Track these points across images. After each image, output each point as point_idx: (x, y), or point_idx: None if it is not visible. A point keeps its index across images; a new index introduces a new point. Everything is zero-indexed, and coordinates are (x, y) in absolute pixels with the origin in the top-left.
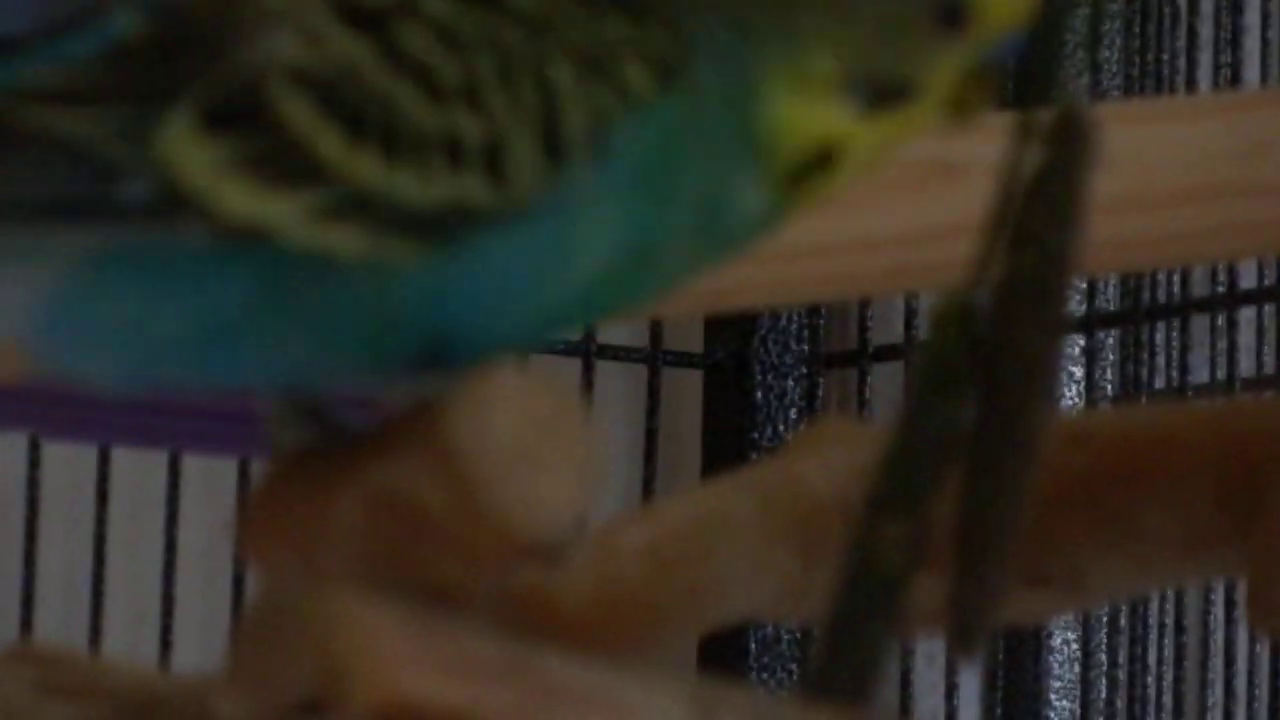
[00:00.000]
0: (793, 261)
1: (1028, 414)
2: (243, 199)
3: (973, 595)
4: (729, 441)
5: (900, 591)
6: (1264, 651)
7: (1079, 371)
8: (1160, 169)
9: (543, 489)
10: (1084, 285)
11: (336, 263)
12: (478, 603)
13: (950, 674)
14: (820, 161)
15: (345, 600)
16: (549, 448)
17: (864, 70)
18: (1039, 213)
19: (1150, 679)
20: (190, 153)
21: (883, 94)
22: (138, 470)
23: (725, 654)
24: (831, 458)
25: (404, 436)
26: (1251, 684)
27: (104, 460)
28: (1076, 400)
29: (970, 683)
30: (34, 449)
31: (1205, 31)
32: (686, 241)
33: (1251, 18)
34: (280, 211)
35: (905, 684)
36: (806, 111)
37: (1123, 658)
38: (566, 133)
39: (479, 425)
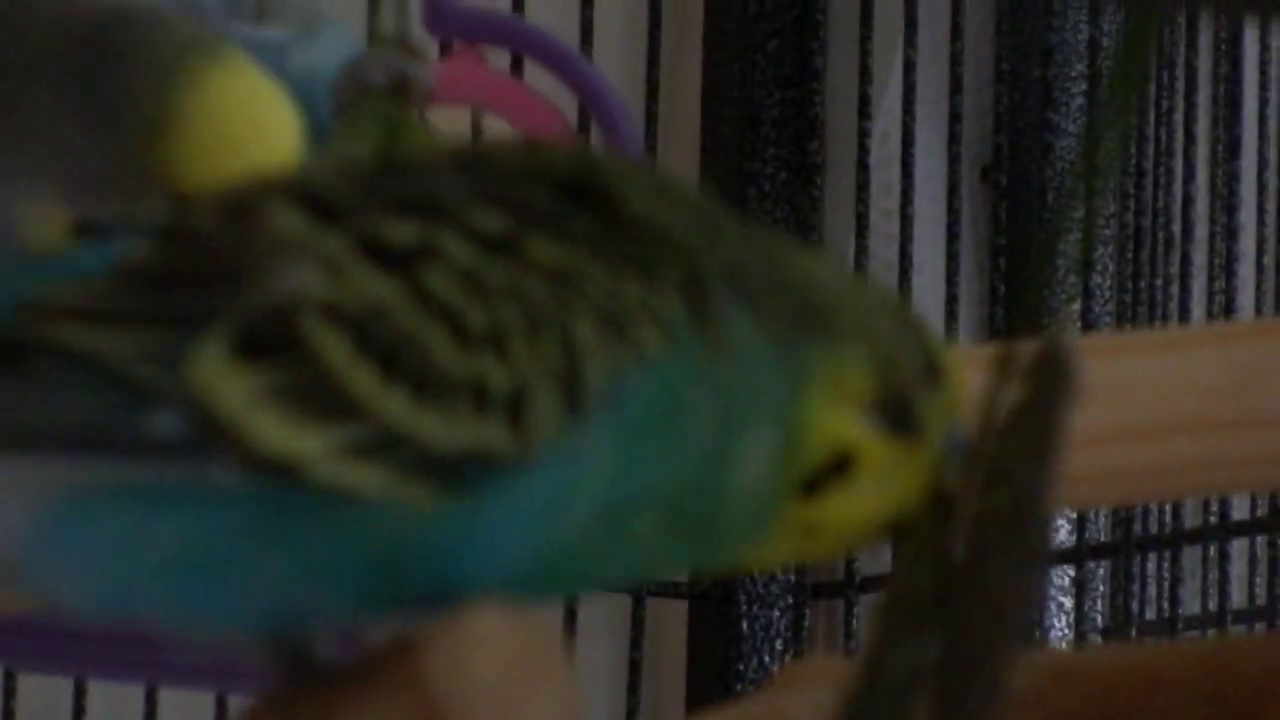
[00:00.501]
0: None
1: (994, 656)
2: (277, 431)
3: None
4: (714, 672)
5: None
6: None
7: (1069, 602)
8: (1152, 401)
9: None
10: (1074, 515)
11: (353, 503)
12: None
13: None
14: (834, 469)
15: None
16: (529, 687)
17: (888, 392)
18: (1015, 449)
19: None
20: (226, 381)
21: (896, 424)
22: (114, 704)
23: None
24: (817, 695)
25: (382, 676)
26: None
27: (80, 693)
28: (1066, 631)
29: None
30: (9, 680)
31: (1199, 258)
32: (683, 503)
33: (1246, 244)
34: (312, 447)
35: None
36: (835, 414)
37: None
38: (586, 386)
39: (458, 665)
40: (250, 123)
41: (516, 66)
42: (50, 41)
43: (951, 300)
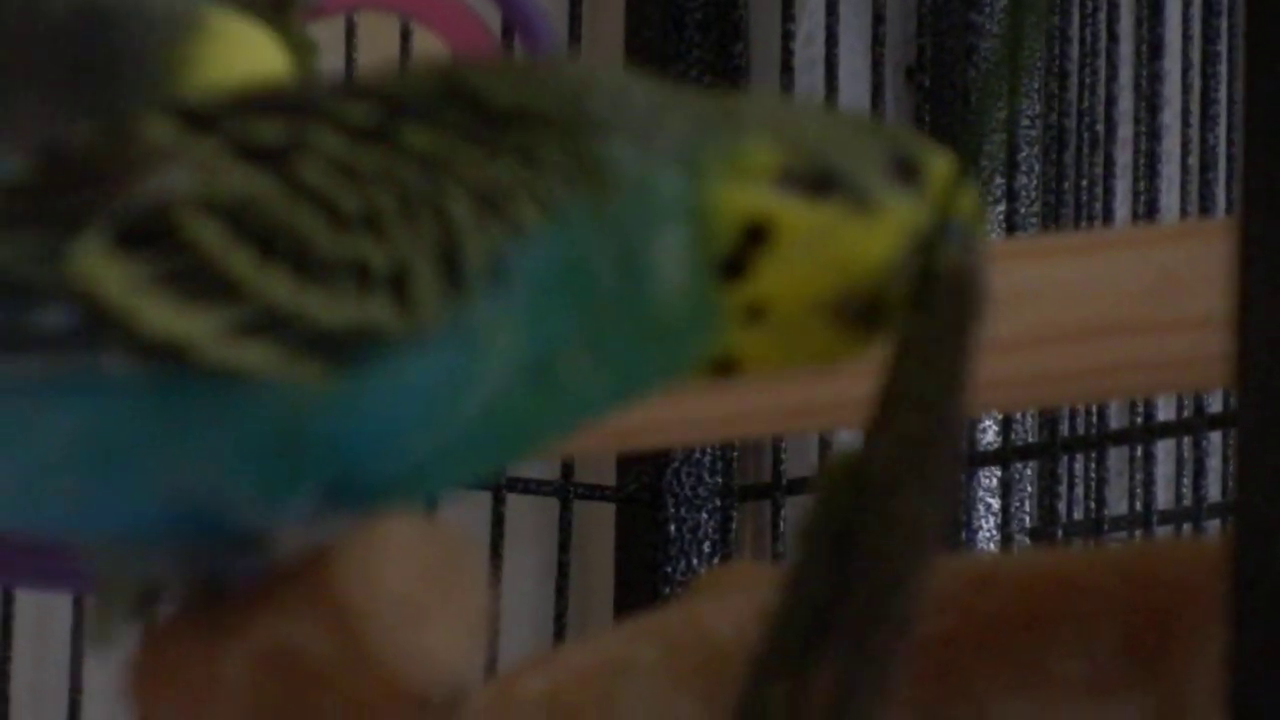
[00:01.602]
0: (702, 399)
1: (906, 583)
2: (161, 315)
3: None
4: (642, 575)
5: None
6: None
7: (996, 504)
8: (1075, 304)
9: (434, 641)
10: (1000, 417)
11: (245, 384)
12: None
13: None
14: (751, 240)
15: None
16: (441, 598)
17: (803, 164)
18: (925, 374)
19: None
20: (107, 271)
21: (822, 187)
22: (41, 610)
23: None
24: (736, 602)
25: (292, 588)
26: None
27: (7, 600)
28: (993, 533)
29: None
30: None
31: (1123, 158)
32: (609, 349)
33: (1170, 144)
34: (197, 328)
35: None
36: (739, 191)
37: None
38: (466, 262)
39: (368, 575)
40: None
41: None
42: (33, 31)
43: None
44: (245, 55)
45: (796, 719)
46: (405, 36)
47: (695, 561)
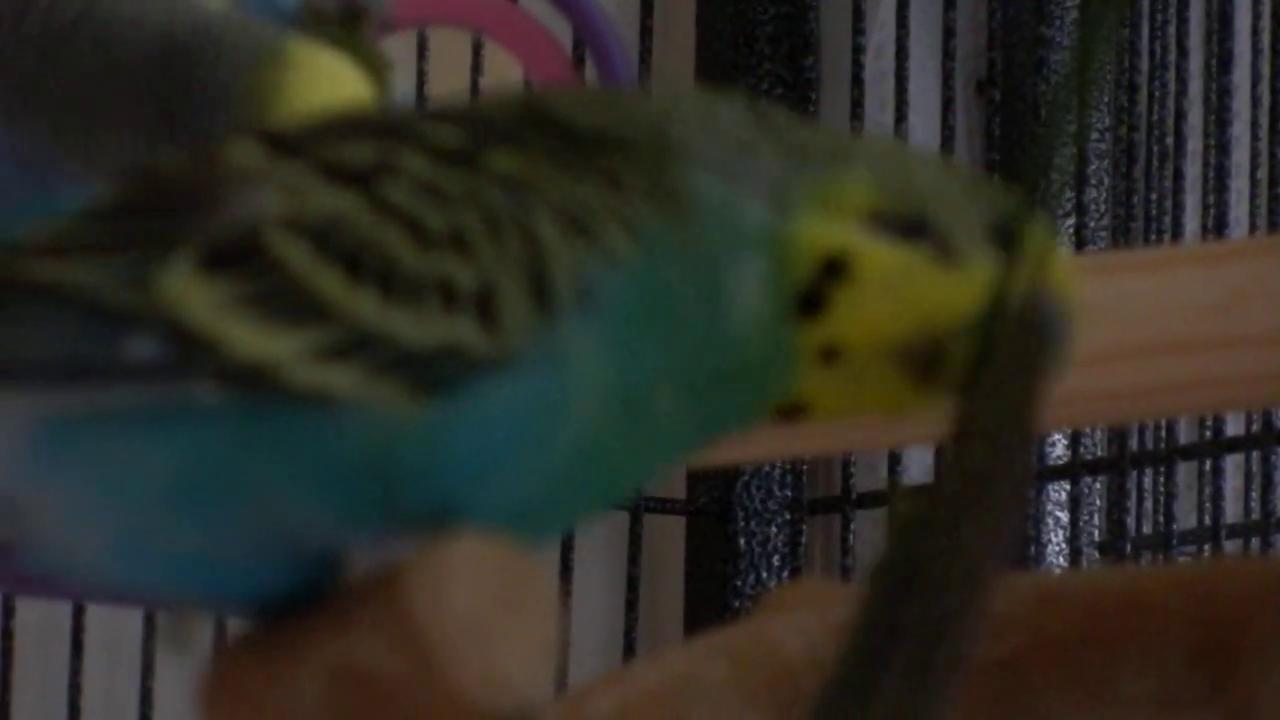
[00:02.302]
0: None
1: (962, 620)
2: (249, 337)
3: None
4: (712, 589)
5: None
6: None
7: (1065, 518)
8: (1143, 320)
9: (503, 660)
10: (1070, 432)
11: (336, 410)
12: None
13: None
14: (832, 274)
15: None
16: (511, 617)
17: (898, 207)
18: (997, 411)
19: None
20: (194, 293)
21: (908, 231)
22: (112, 623)
23: None
24: (804, 618)
25: (363, 606)
26: None
27: (79, 613)
28: (1062, 546)
29: None
30: (7, 602)
31: (1193, 172)
32: (690, 383)
33: (1239, 157)
34: (285, 349)
35: None
36: (823, 226)
37: None
38: (553, 283)
39: (437, 595)
40: (328, 82)
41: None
42: (122, 65)
43: None
44: (325, 83)
45: None
46: (477, 52)
47: (765, 575)
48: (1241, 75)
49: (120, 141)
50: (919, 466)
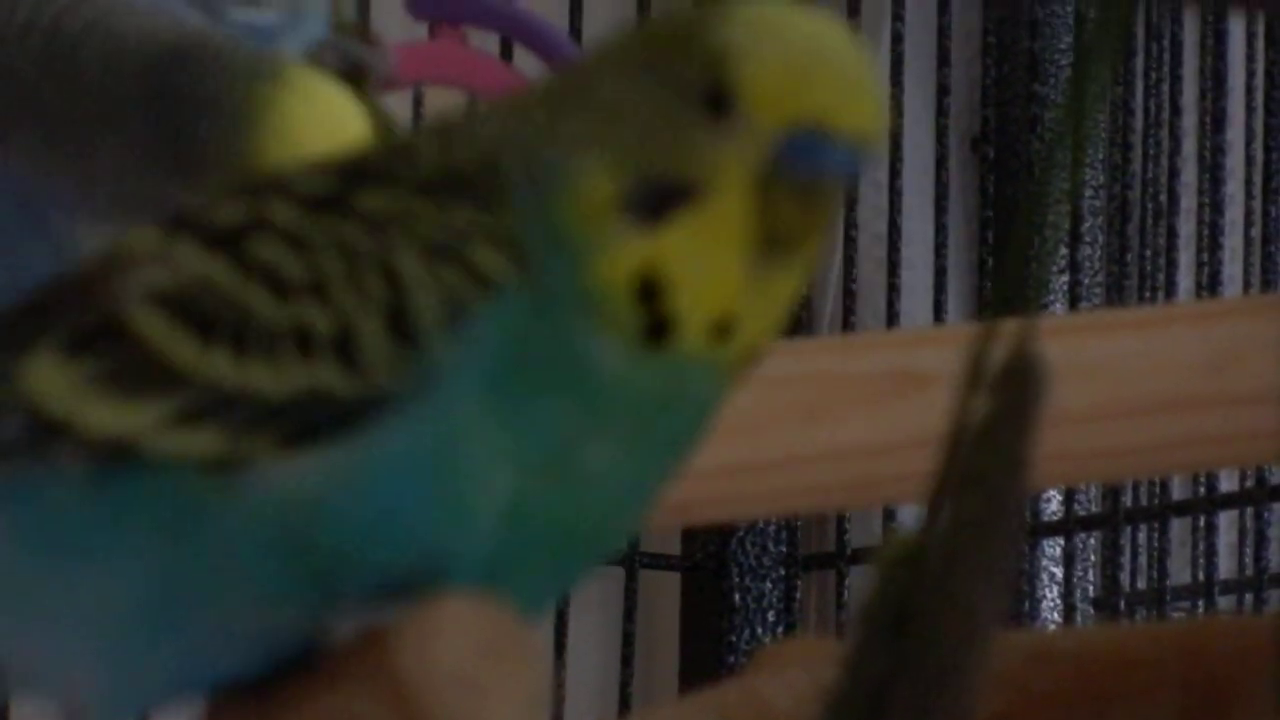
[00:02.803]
0: (763, 474)
1: (961, 665)
2: (102, 413)
3: None
4: (707, 644)
5: None
6: None
7: (1059, 573)
8: (1137, 378)
9: (491, 715)
10: (1064, 489)
11: (211, 477)
12: None
13: None
14: (647, 292)
15: None
16: (499, 673)
17: (637, 178)
18: (987, 456)
19: None
20: (52, 379)
21: (664, 199)
22: None
23: None
24: (794, 677)
25: (351, 664)
26: None
27: None
28: (1056, 602)
29: None
30: None
31: (1186, 230)
32: (600, 423)
33: (1233, 215)
34: (140, 421)
35: None
36: (608, 257)
37: None
38: (417, 315)
39: (425, 654)
40: (330, 134)
41: (506, 52)
42: (120, 79)
43: (940, 272)
44: (318, 104)
45: None
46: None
47: (760, 630)
48: (1235, 133)
49: (115, 157)
50: (913, 522)
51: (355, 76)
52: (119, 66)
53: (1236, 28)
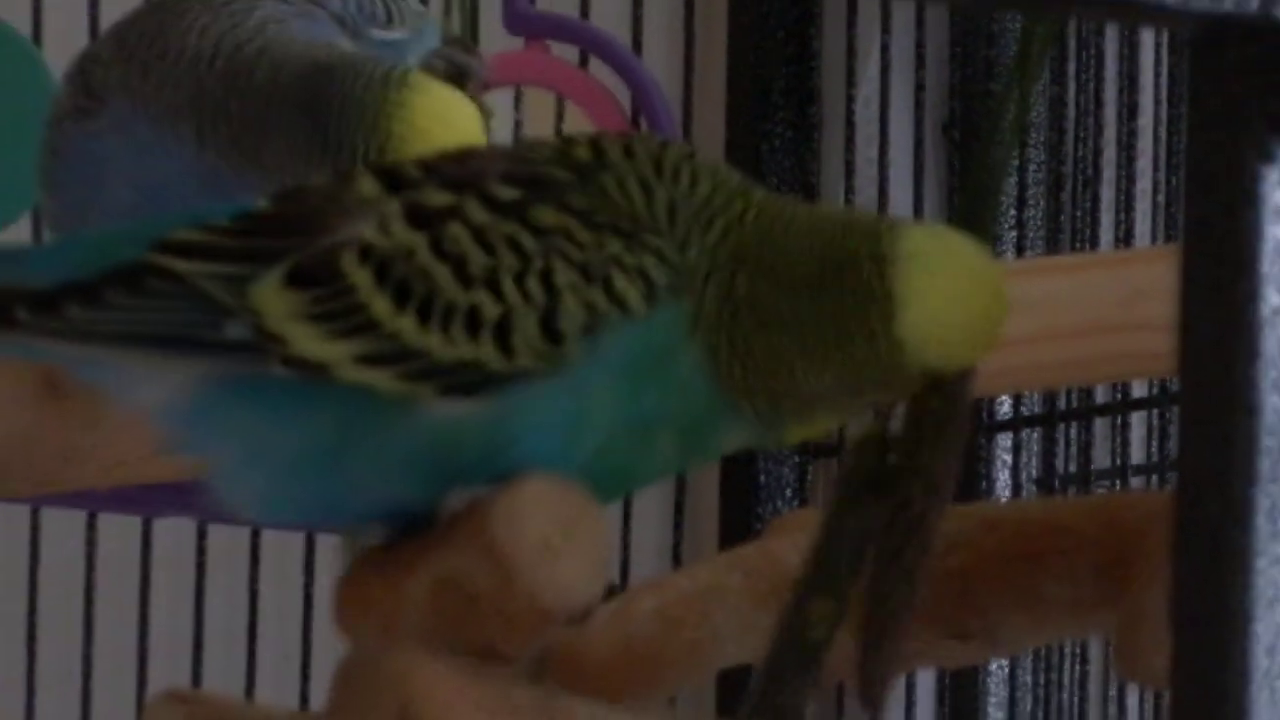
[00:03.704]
0: None
1: (926, 521)
2: (308, 340)
3: (875, 664)
4: (740, 516)
5: (822, 654)
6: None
7: (1009, 460)
8: (1067, 310)
9: (564, 572)
10: (1013, 396)
11: (390, 413)
12: (518, 659)
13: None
14: None
15: (414, 658)
16: (569, 541)
17: None
18: (949, 384)
19: (1064, 695)
20: (274, 301)
21: None
22: (281, 540)
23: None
24: (800, 539)
25: (458, 533)
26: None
27: (255, 534)
28: (1007, 483)
29: (926, 692)
30: (201, 525)
31: (1107, 196)
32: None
33: (1143, 185)
34: (336, 353)
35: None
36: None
37: (1042, 679)
38: (564, 319)
39: (512, 523)
40: (448, 126)
41: (584, 61)
42: (284, 91)
43: None
44: (437, 103)
45: (833, 630)
46: (560, 106)
47: (780, 505)
48: (1145, 120)
49: (283, 151)
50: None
51: (458, 79)
52: (283, 82)
53: (1148, 38)
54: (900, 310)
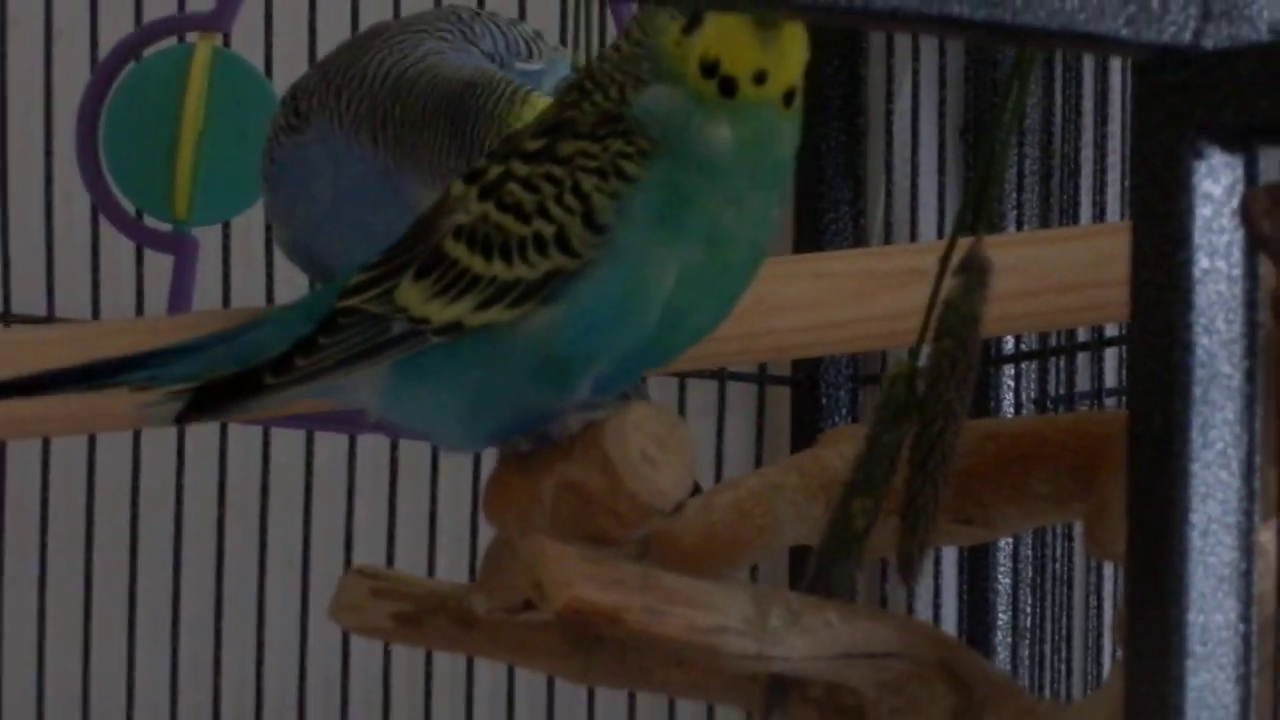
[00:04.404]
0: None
1: (945, 436)
2: (440, 310)
3: (910, 545)
4: (807, 431)
5: (865, 539)
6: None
7: (1012, 385)
8: (1055, 271)
9: (661, 479)
10: (1015, 337)
11: (511, 337)
12: (624, 544)
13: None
14: (708, 69)
15: (544, 542)
16: (665, 453)
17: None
18: (955, 316)
19: (1055, 565)
20: (411, 293)
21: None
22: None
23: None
24: (845, 448)
25: (578, 448)
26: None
27: (394, 445)
28: (1010, 405)
29: (949, 564)
30: (394, 446)
31: (1085, 183)
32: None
33: (1113, 175)
34: (460, 311)
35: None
36: (684, 57)
37: (1039, 553)
38: (599, 215)
39: (621, 440)
40: None
41: None
42: (435, 101)
43: (941, 210)
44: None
45: (872, 520)
46: None
47: (837, 421)
48: (1115, 126)
49: (432, 149)
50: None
51: None
52: (435, 95)
53: (1115, 62)
54: None
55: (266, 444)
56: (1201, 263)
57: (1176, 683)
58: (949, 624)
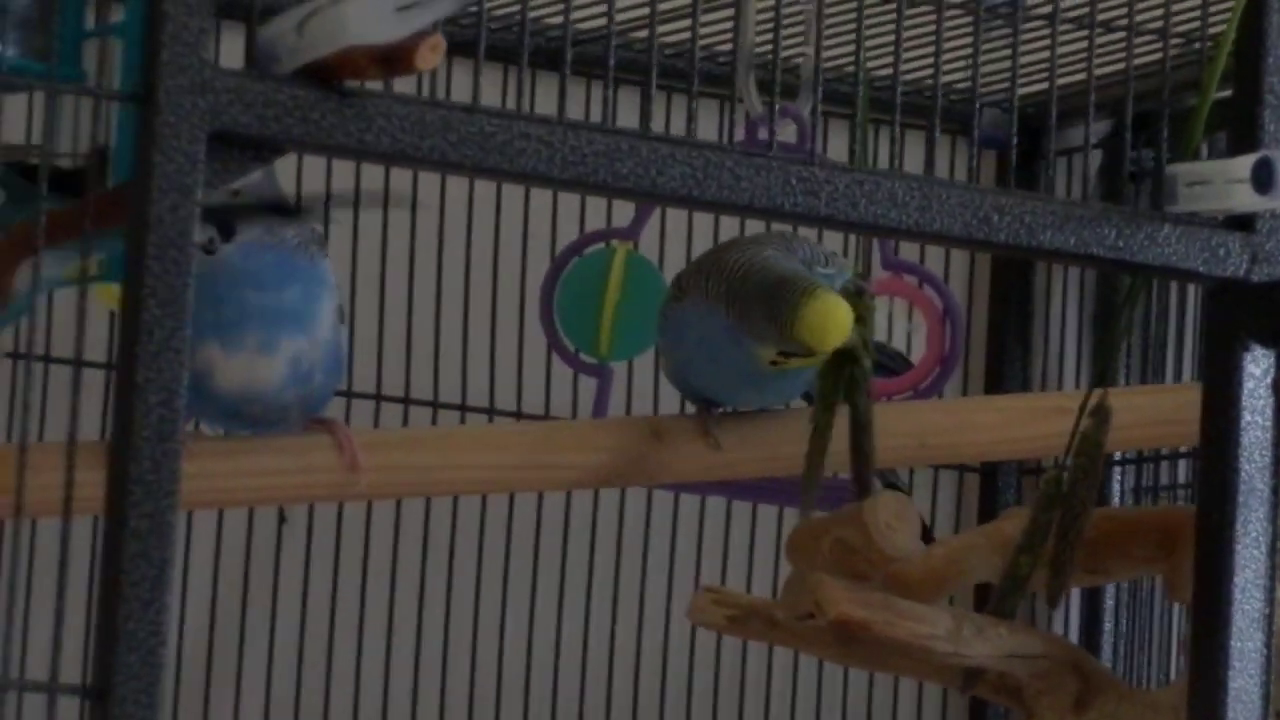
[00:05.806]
0: (1010, 445)
1: (1080, 517)
2: None
3: (1056, 586)
4: (989, 509)
5: (1027, 581)
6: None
7: (1119, 483)
8: (1148, 413)
9: (898, 540)
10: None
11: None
12: (874, 580)
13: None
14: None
15: (823, 577)
16: (901, 523)
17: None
18: (1087, 441)
19: (1153, 609)
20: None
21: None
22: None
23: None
24: (1016, 522)
25: (850, 516)
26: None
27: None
28: (1118, 497)
29: (1073, 599)
30: (728, 504)
31: (1170, 355)
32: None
33: (1188, 351)
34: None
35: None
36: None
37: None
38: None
39: (874, 514)
40: (835, 317)
41: (920, 284)
42: (765, 288)
43: (1078, 369)
44: (827, 308)
45: (1033, 568)
46: (910, 309)
47: (1008, 503)
48: (1190, 320)
49: (755, 320)
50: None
51: (859, 294)
52: (767, 284)
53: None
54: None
55: (649, 507)
56: (1246, 416)
57: (1222, 684)
58: (1074, 636)
